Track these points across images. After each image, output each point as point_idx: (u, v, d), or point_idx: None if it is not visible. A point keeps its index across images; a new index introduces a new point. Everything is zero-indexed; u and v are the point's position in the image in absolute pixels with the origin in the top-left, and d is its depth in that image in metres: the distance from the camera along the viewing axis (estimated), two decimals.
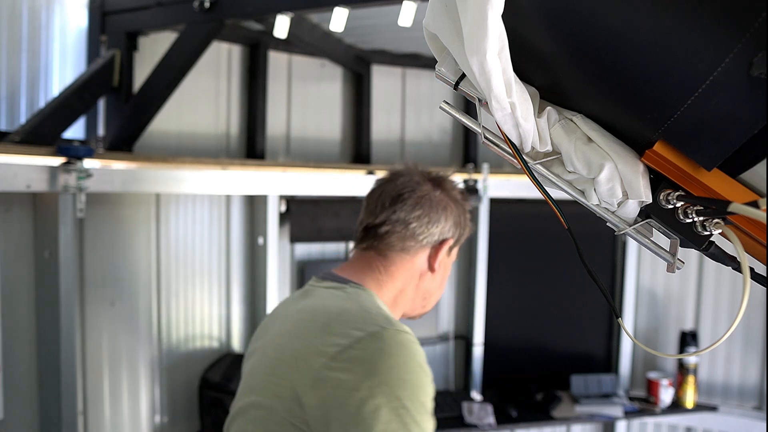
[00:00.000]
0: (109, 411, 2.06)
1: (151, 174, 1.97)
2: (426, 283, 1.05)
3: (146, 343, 2.16)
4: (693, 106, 0.37)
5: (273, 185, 2.25)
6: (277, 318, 1.02)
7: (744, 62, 0.34)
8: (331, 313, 0.88)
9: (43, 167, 1.67)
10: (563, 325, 2.78)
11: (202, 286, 2.32)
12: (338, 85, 2.75)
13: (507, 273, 2.75)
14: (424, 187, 1.03)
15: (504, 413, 2.41)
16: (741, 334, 2.65)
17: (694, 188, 0.41)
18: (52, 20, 1.99)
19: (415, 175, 1.05)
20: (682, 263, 0.46)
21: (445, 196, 1.05)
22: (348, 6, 1.80)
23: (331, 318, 0.86)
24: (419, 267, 1.03)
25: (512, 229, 2.74)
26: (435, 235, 1.02)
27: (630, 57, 0.38)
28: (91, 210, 1.95)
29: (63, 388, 1.75)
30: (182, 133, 2.32)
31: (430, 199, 1.02)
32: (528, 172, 0.47)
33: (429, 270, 1.04)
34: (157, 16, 2.01)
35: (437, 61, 0.48)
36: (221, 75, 2.42)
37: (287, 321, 0.95)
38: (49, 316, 1.76)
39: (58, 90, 1.96)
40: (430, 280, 1.05)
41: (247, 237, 2.42)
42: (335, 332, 0.83)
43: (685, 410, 2.60)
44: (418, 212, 1.00)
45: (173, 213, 2.23)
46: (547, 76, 0.45)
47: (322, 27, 2.30)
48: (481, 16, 0.38)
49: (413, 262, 1.02)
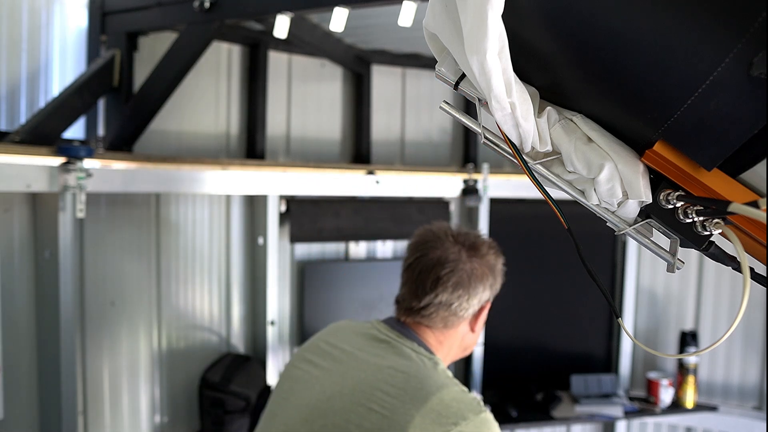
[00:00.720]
0: (109, 411, 2.06)
1: (151, 174, 1.97)
2: (467, 340, 1.16)
3: (146, 343, 2.16)
4: (693, 106, 0.37)
5: (273, 185, 2.25)
6: (351, 357, 1.06)
7: (744, 62, 0.34)
8: (431, 389, 0.95)
9: (43, 167, 1.67)
10: (563, 325, 2.78)
11: (202, 286, 2.32)
12: (338, 85, 2.74)
13: (507, 273, 2.73)
14: (460, 263, 1.08)
15: (504, 413, 2.41)
16: (741, 334, 2.65)
17: (694, 188, 0.41)
18: (52, 20, 1.99)
19: (448, 245, 1.10)
20: (682, 263, 0.46)
21: (480, 264, 1.11)
22: (348, 6, 1.80)
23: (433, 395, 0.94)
24: (462, 332, 1.14)
25: (512, 229, 2.73)
26: (475, 306, 1.12)
27: (630, 57, 0.38)
28: (91, 210, 1.95)
29: (63, 388, 1.75)
30: (182, 133, 2.32)
31: (468, 276, 1.09)
32: (528, 172, 0.47)
33: (471, 332, 1.14)
34: (157, 16, 2.00)
35: (437, 61, 0.48)
36: (221, 75, 2.41)
37: (370, 371, 1.00)
38: (49, 316, 1.76)
39: (58, 90, 1.96)
40: (471, 337, 1.15)
41: (247, 237, 2.42)
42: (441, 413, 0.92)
43: (685, 410, 2.60)
44: (459, 292, 1.08)
45: (173, 213, 2.23)
46: (547, 76, 0.45)
47: (322, 27, 2.30)
48: (481, 16, 0.38)
49: (457, 330, 1.13)
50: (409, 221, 2.53)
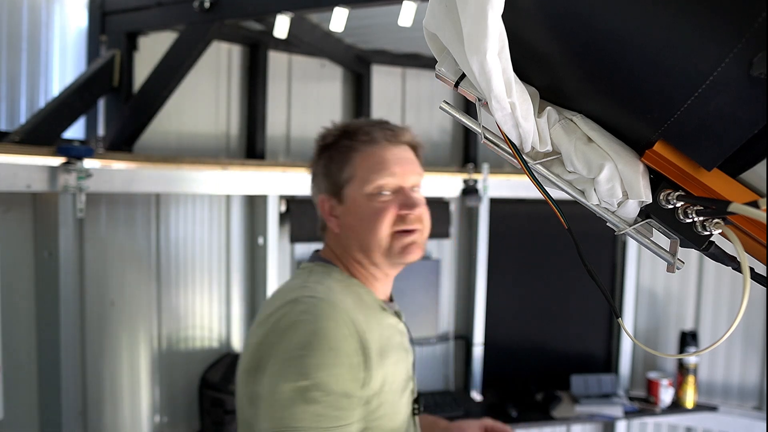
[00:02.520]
0: (109, 411, 2.06)
1: (151, 174, 1.97)
2: (346, 226, 1.08)
3: (146, 343, 2.16)
4: (693, 106, 0.37)
5: (273, 185, 2.25)
6: None
7: (744, 62, 0.34)
8: (275, 296, 1.03)
9: (43, 167, 1.67)
10: (563, 325, 2.78)
11: (202, 286, 2.32)
12: (338, 85, 2.74)
13: (507, 273, 2.75)
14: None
15: (504, 413, 2.41)
16: (741, 334, 2.65)
17: (694, 188, 0.41)
18: (52, 20, 1.99)
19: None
20: (682, 263, 0.46)
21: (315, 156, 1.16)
22: (348, 6, 1.80)
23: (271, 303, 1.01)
24: (331, 225, 1.12)
25: (512, 229, 2.74)
26: (319, 185, 1.13)
27: (630, 57, 0.38)
28: (91, 210, 1.95)
29: (63, 388, 1.75)
30: (182, 133, 2.32)
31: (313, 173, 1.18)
32: (528, 172, 0.47)
33: (332, 216, 1.11)
34: (157, 16, 2.00)
35: (437, 61, 0.48)
36: (221, 75, 2.42)
37: None
38: (49, 316, 1.76)
39: (58, 90, 1.96)
40: (347, 220, 1.08)
41: (247, 237, 2.42)
42: (267, 314, 0.96)
43: (685, 410, 2.60)
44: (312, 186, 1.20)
45: (173, 213, 2.23)
46: (547, 76, 0.45)
47: (322, 27, 2.30)
48: (481, 16, 0.38)
49: (328, 227, 1.13)
50: None
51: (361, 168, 1.05)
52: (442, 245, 2.77)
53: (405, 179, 1.05)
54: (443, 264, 2.77)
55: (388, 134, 1.06)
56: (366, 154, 1.05)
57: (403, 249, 1.04)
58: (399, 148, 1.07)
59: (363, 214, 1.05)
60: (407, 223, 1.03)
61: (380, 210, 1.03)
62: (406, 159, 1.07)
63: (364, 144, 1.06)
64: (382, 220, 1.03)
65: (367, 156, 1.05)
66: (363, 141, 1.06)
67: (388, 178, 1.04)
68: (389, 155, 1.05)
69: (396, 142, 1.07)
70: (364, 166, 1.05)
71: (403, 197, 1.04)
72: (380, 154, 1.05)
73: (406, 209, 1.03)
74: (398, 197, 1.04)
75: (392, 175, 1.04)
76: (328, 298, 0.95)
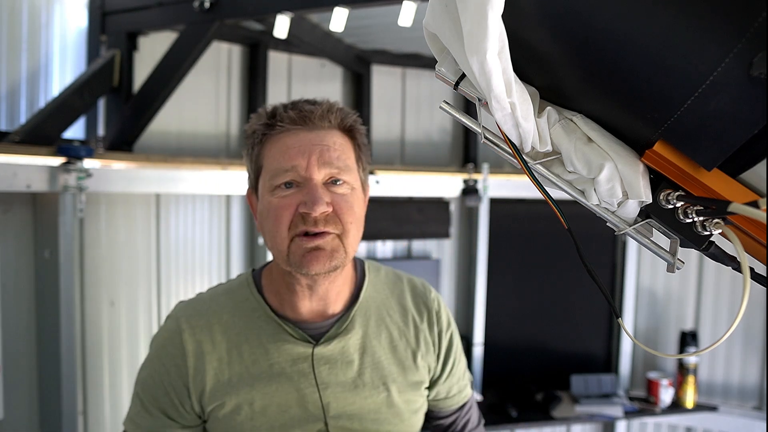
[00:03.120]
0: (109, 411, 2.06)
1: (151, 174, 1.97)
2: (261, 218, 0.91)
3: (146, 343, 2.16)
4: (693, 106, 0.37)
5: None
6: None
7: (744, 62, 0.34)
8: None
9: (43, 167, 1.67)
10: (563, 325, 2.78)
11: (202, 286, 2.32)
12: (338, 85, 2.75)
13: (507, 273, 2.75)
14: None
15: (504, 413, 2.41)
16: (741, 334, 2.65)
17: (694, 188, 0.41)
18: (52, 20, 1.99)
19: None
20: (682, 263, 0.46)
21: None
22: (348, 6, 1.80)
23: None
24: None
25: (512, 229, 2.74)
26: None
27: (630, 57, 0.38)
28: (91, 210, 1.95)
29: (63, 388, 1.75)
30: (182, 133, 2.32)
31: None
32: (528, 172, 0.47)
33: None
34: (157, 16, 2.01)
35: (437, 61, 0.48)
36: (221, 75, 2.42)
37: None
38: (49, 316, 1.76)
39: (58, 90, 1.96)
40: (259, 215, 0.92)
41: (247, 237, 2.42)
42: None
43: (685, 410, 2.60)
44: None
45: (173, 213, 2.23)
46: (547, 76, 0.45)
47: (322, 27, 2.30)
48: (481, 16, 0.38)
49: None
50: (409, 221, 2.54)
51: (267, 158, 0.88)
52: (442, 245, 2.77)
53: (313, 170, 0.84)
54: (443, 264, 2.77)
55: (301, 116, 0.87)
56: (273, 141, 0.88)
57: (302, 257, 0.83)
58: (315, 132, 0.87)
59: (264, 212, 0.87)
60: (307, 224, 0.83)
61: (276, 207, 0.85)
62: (320, 146, 0.85)
63: (273, 129, 0.88)
64: (277, 219, 0.84)
65: (273, 143, 0.87)
66: (272, 125, 0.88)
67: (289, 170, 0.84)
68: (295, 142, 0.86)
69: (311, 125, 0.87)
70: (269, 156, 0.87)
71: (305, 192, 0.83)
72: (285, 141, 0.86)
73: (304, 208, 0.82)
74: (301, 192, 0.84)
75: (293, 166, 0.84)
76: (188, 304, 0.97)
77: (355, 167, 0.90)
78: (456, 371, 1.05)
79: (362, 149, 0.93)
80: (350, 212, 0.86)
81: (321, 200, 0.82)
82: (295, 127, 0.87)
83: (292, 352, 0.89)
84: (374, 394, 0.92)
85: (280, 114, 0.87)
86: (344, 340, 0.92)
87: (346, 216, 0.86)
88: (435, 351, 1.01)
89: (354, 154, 0.91)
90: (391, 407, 0.94)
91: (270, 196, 0.86)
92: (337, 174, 0.86)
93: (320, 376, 0.90)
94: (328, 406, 0.90)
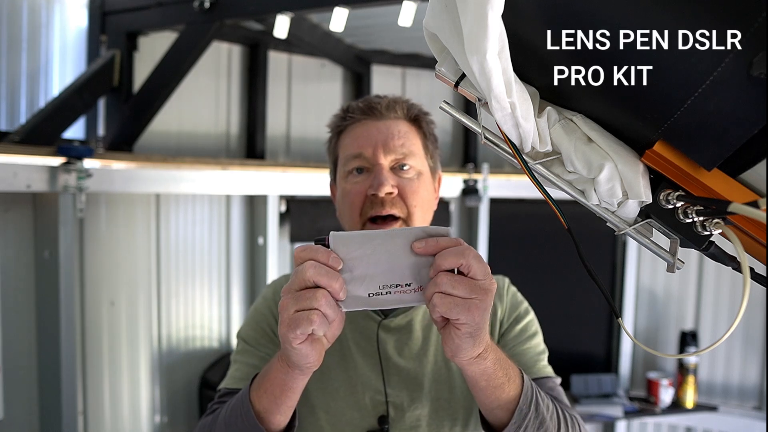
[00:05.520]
0: (109, 411, 2.06)
1: (151, 174, 1.97)
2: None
3: (146, 343, 2.16)
4: (693, 106, 0.37)
5: (273, 185, 2.25)
6: None
7: (744, 62, 0.34)
8: None
9: (43, 167, 1.67)
10: (563, 325, 2.78)
11: (202, 286, 2.32)
12: (338, 85, 2.74)
13: (507, 273, 2.73)
14: None
15: None
16: (741, 334, 2.65)
17: (694, 188, 0.41)
18: (52, 20, 1.99)
19: None
20: (682, 263, 0.46)
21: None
22: (348, 6, 1.80)
23: None
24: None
25: (512, 229, 2.73)
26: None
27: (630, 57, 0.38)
28: (91, 210, 1.95)
29: (63, 388, 1.75)
30: (182, 133, 2.32)
31: None
32: (528, 172, 0.47)
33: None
34: (157, 16, 2.01)
35: (437, 61, 0.48)
36: (221, 75, 2.42)
37: None
38: (49, 316, 1.76)
39: (58, 90, 1.96)
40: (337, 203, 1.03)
41: (247, 237, 2.42)
42: None
43: (685, 410, 2.60)
44: None
45: (173, 213, 2.23)
46: (548, 76, 0.45)
47: (322, 27, 2.30)
48: (481, 16, 0.38)
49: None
50: None
51: (341, 147, 0.96)
52: None
53: (380, 156, 0.90)
54: None
55: (369, 107, 0.94)
56: (346, 132, 0.96)
57: None
58: (383, 122, 0.94)
59: (340, 198, 0.95)
60: (375, 206, 0.88)
61: (349, 193, 0.91)
62: (387, 134, 0.92)
63: (347, 122, 0.96)
64: (350, 204, 0.91)
65: (346, 134, 0.96)
66: (345, 118, 0.96)
67: (358, 156, 0.91)
68: (363, 131, 0.93)
69: (379, 116, 0.94)
70: (342, 145, 0.96)
71: (373, 176, 0.89)
72: (356, 131, 0.94)
73: (371, 190, 0.88)
74: (370, 177, 0.90)
75: (362, 153, 0.91)
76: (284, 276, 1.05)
77: (421, 153, 0.96)
78: (524, 348, 1.02)
79: (429, 138, 0.99)
80: (415, 195, 0.91)
81: (386, 182, 0.88)
82: (364, 117, 0.94)
83: (359, 325, 0.94)
84: (436, 368, 0.94)
85: (352, 108, 0.96)
86: (411, 314, 0.95)
87: (411, 199, 0.90)
88: (498, 328, 1.03)
89: (420, 141, 0.96)
90: (451, 380, 0.95)
91: (344, 182, 0.93)
92: (402, 159, 0.91)
93: (383, 348, 0.92)
94: (389, 378, 0.92)
